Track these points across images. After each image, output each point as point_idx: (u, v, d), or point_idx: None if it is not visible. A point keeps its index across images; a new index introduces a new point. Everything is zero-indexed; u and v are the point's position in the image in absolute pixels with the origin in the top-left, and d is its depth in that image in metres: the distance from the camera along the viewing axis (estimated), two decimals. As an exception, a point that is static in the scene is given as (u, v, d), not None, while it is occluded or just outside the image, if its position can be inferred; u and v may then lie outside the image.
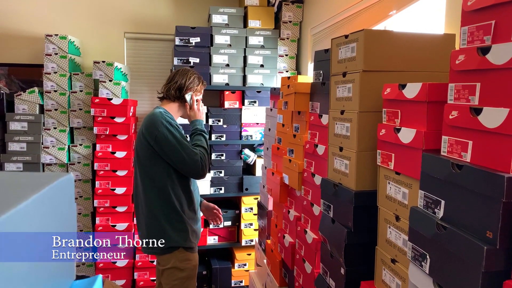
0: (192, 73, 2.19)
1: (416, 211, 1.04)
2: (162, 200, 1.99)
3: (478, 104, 0.88)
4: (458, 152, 0.93)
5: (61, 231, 0.59)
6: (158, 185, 1.99)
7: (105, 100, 3.14)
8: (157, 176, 1.99)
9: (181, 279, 2.04)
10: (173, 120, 2.03)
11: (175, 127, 1.98)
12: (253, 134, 3.43)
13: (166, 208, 1.99)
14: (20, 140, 3.14)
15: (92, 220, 3.34)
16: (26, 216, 0.46)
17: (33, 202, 0.47)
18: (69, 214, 0.65)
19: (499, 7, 0.82)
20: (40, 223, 0.50)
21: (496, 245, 0.79)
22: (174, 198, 2.00)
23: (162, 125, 1.95)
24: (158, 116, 1.97)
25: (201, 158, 1.96)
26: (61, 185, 0.58)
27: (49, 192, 0.52)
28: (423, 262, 1.00)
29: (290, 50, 3.53)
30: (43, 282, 0.52)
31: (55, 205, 0.57)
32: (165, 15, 3.72)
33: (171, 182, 1.99)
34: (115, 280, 3.23)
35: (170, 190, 1.99)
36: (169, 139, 1.93)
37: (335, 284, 1.51)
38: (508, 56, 0.79)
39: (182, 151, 1.94)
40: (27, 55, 3.48)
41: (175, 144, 1.93)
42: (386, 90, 1.25)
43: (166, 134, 1.94)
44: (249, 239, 3.45)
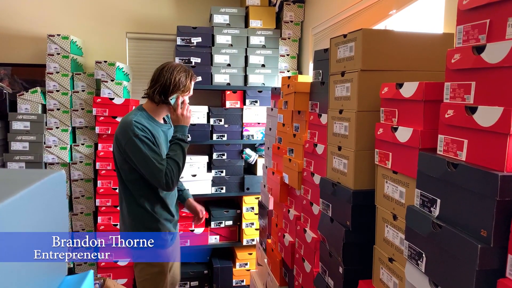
0: (179, 70, 1.99)
1: (413, 210, 1.05)
2: (133, 198, 1.98)
3: (473, 103, 0.88)
4: (454, 151, 0.93)
5: (50, 229, 0.59)
6: (130, 185, 1.97)
7: (107, 100, 3.16)
8: (128, 176, 1.96)
9: (153, 274, 2.06)
10: (148, 128, 1.91)
11: (145, 140, 1.87)
12: (254, 133, 3.44)
13: (136, 208, 1.98)
14: (22, 140, 3.16)
15: (94, 219, 3.35)
16: (12, 213, 0.46)
17: (21, 199, 0.47)
18: (59, 212, 0.64)
19: (494, 6, 0.82)
20: (27, 220, 0.49)
21: (490, 244, 0.79)
22: (144, 198, 1.97)
23: (130, 136, 1.85)
24: (129, 125, 1.87)
25: (166, 174, 1.86)
26: (52, 182, 0.58)
27: (38, 189, 0.52)
28: (419, 261, 1.01)
29: (292, 50, 3.53)
30: (33, 277, 0.52)
31: (44, 203, 0.57)
32: (167, 15, 3.73)
33: (141, 182, 1.96)
34: (117, 279, 3.24)
35: (140, 190, 1.97)
36: (135, 152, 1.86)
37: (334, 283, 1.52)
38: (502, 55, 0.79)
39: (147, 166, 1.86)
40: (30, 55, 3.50)
41: (140, 159, 1.86)
42: (383, 90, 1.25)
43: (132, 147, 1.86)
44: (250, 239, 3.46)
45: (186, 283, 3.42)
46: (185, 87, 1.98)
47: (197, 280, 3.43)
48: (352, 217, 1.39)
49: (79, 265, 3.31)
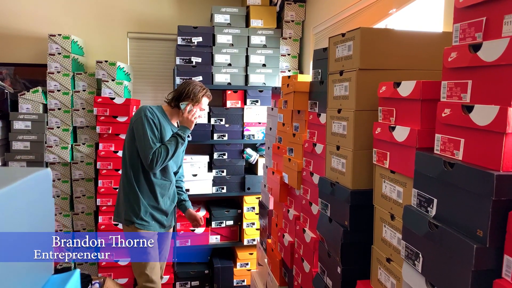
0: (195, 85, 2.38)
1: (410, 210, 1.04)
2: (128, 177, 2.29)
3: (470, 101, 0.87)
4: (450, 150, 0.93)
5: (35, 228, 0.58)
6: (129, 162, 2.28)
7: (107, 100, 3.16)
8: (132, 160, 2.27)
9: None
10: (158, 117, 2.28)
11: (151, 122, 2.22)
12: (255, 133, 3.43)
13: (128, 186, 2.28)
14: (24, 139, 3.17)
15: (95, 218, 3.36)
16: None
17: (2, 196, 0.46)
18: (45, 211, 0.64)
19: (490, 4, 0.81)
20: (10, 218, 0.48)
21: (486, 244, 0.79)
22: (135, 178, 2.27)
23: (141, 115, 2.22)
24: (143, 108, 2.26)
25: (154, 153, 2.18)
26: (36, 181, 0.57)
27: (21, 187, 0.51)
28: (415, 261, 1.00)
29: (293, 50, 3.52)
30: (16, 275, 0.51)
31: (28, 201, 0.56)
32: (167, 15, 3.73)
33: (138, 164, 2.26)
34: (117, 279, 3.24)
35: (136, 171, 2.27)
36: (139, 128, 2.22)
37: (332, 283, 1.51)
38: (498, 53, 0.78)
39: (143, 142, 2.20)
40: (32, 55, 3.51)
41: (140, 135, 2.21)
42: (381, 89, 1.24)
43: (138, 124, 2.22)
44: (251, 239, 3.45)
45: (187, 282, 3.41)
46: (195, 97, 2.34)
47: (198, 280, 3.42)
48: (350, 217, 1.38)
49: (80, 265, 3.31)
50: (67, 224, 3.32)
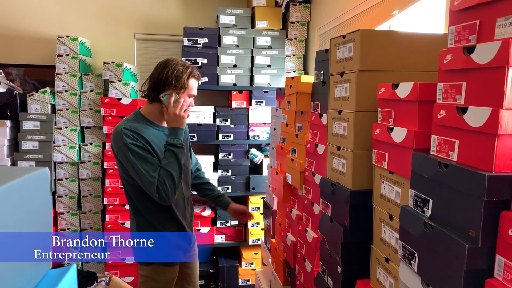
0: (175, 64, 1.77)
1: (406, 210, 1.05)
2: (139, 212, 1.81)
3: (464, 103, 0.88)
4: (446, 151, 0.94)
5: (32, 228, 0.59)
6: (134, 197, 1.82)
7: (114, 100, 3.20)
8: (131, 188, 1.81)
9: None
10: (141, 132, 1.72)
11: (135, 149, 1.68)
12: (260, 134, 3.45)
13: (143, 223, 1.81)
14: (32, 139, 3.22)
15: (102, 217, 3.40)
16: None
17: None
18: (42, 211, 0.65)
19: (483, 7, 0.82)
20: (5, 218, 0.50)
21: (478, 244, 0.80)
22: (149, 211, 1.80)
23: (121, 144, 1.70)
24: (119, 134, 1.71)
25: (158, 187, 1.66)
26: (34, 180, 0.58)
27: (18, 186, 0.52)
28: (412, 260, 1.01)
29: (298, 50, 3.53)
30: (13, 269, 0.53)
31: (25, 200, 0.58)
32: (174, 16, 3.77)
33: (145, 194, 1.74)
34: (124, 277, 3.28)
35: (145, 202, 1.79)
36: (126, 163, 1.70)
37: (333, 283, 1.52)
38: (491, 55, 0.79)
39: (139, 178, 1.69)
40: (41, 56, 3.57)
41: (131, 170, 1.70)
42: (380, 90, 1.25)
43: (123, 156, 1.70)
44: (256, 238, 3.47)
45: (192, 281, 3.44)
46: (179, 82, 1.74)
47: (203, 279, 3.45)
48: (350, 217, 1.39)
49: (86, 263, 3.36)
50: (75, 223, 3.37)
